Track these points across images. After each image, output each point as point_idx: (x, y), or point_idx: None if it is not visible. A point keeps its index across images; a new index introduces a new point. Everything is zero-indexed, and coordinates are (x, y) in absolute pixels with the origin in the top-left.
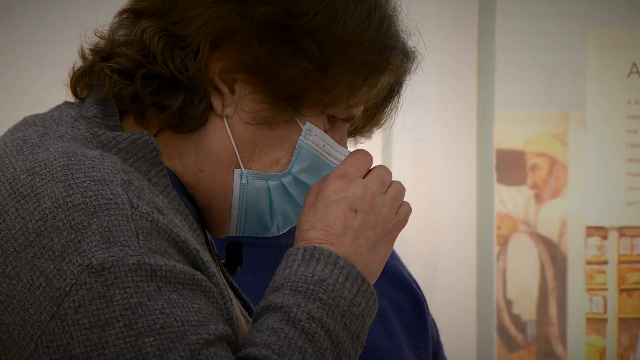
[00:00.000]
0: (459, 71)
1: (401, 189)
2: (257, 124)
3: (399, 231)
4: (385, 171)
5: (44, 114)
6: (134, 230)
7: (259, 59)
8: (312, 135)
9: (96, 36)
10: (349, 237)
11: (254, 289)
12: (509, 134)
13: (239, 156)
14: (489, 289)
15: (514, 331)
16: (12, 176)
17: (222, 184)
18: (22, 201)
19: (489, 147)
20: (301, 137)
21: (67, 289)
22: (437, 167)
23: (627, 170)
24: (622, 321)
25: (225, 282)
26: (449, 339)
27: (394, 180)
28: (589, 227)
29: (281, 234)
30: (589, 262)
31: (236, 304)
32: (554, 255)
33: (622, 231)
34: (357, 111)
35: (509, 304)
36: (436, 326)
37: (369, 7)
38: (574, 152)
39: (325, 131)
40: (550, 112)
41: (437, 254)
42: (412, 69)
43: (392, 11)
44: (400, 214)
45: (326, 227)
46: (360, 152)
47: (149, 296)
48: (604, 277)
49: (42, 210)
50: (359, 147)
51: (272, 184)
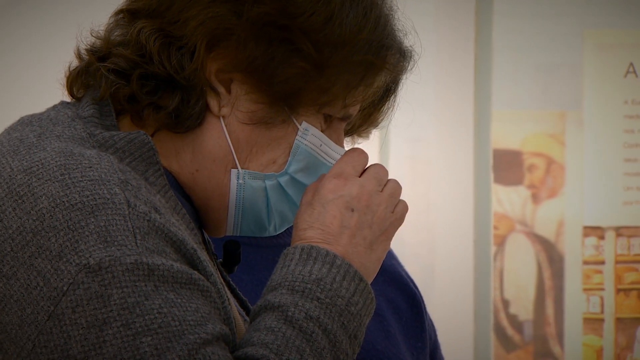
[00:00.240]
0: (456, 71)
1: (397, 188)
2: (254, 123)
3: (396, 229)
4: (381, 170)
5: (41, 114)
6: (131, 229)
7: (255, 59)
8: (308, 134)
9: (92, 36)
10: (346, 236)
11: (251, 288)
12: (506, 134)
13: (236, 156)
14: (486, 288)
15: (511, 331)
16: (9, 176)
17: (219, 184)
18: (19, 201)
19: (486, 147)
20: (298, 137)
21: (65, 288)
22: (434, 167)
23: (624, 170)
24: (619, 321)
25: (222, 282)
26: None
27: (390, 178)
28: (586, 227)
29: (278, 233)
30: (586, 262)
31: (234, 304)
32: (551, 255)
33: (619, 231)
34: (354, 110)
35: (506, 303)
36: (434, 326)
37: (365, 7)
38: (571, 152)
39: (321, 131)
40: (547, 111)
41: (434, 253)
42: (409, 68)
43: (388, 10)
44: (396, 212)
45: (323, 227)
46: (355, 150)
47: (147, 296)
48: (601, 277)
49: (39, 210)
50: (357, 145)
51: (269, 183)
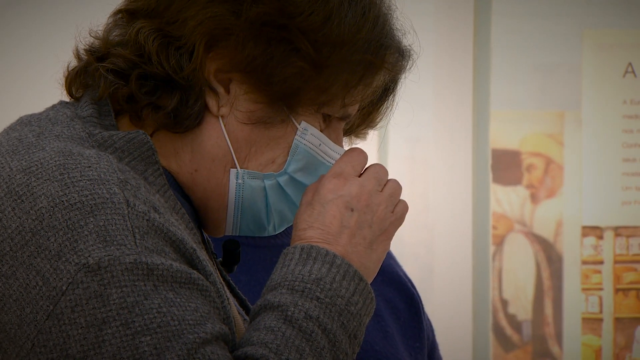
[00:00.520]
0: (454, 71)
1: (397, 187)
2: (253, 123)
3: (396, 229)
4: (381, 169)
5: (40, 114)
6: (131, 229)
7: (254, 59)
8: (307, 134)
9: (91, 36)
10: (346, 235)
11: (249, 288)
12: (505, 134)
13: (235, 156)
14: (485, 288)
15: (509, 331)
16: (8, 176)
17: (218, 183)
18: (19, 200)
19: (485, 147)
20: (297, 137)
21: (64, 288)
22: (433, 167)
23: (623, 170)
24: (617, 321)
25: (222, 281)
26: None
27: (390, 178)
28: (584, 227)
29: (277, 233)
30: (584, 262)
31: (233, 303)
32: (549, 255)
33: (617, 231)
34: (353, 110)
35: (504, 303)
36: (432, 326)
37: (363, 6)
38: (569, 152)
39: (320, 130)
40: (545, 111)
41: (432, 253)
42: (408, 67)
43: (386, 10)
44: (396, 212)
45: (323, 226)
46: (355, 150)
47: (146, 295)
48: (599, 277)
49: (38, 209)
50: (355, 146)
51: (268, 183)
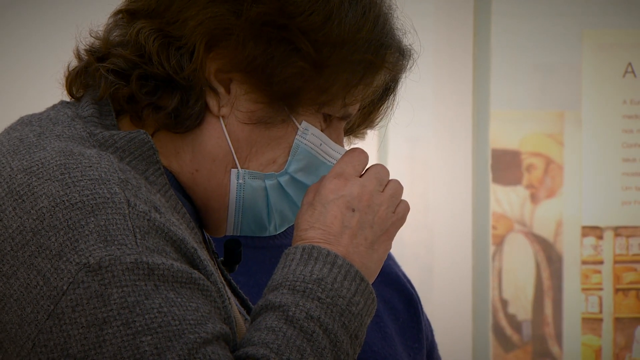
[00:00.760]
0: (454, 71)
1: (399, 188)
2: (254, 123)
3: (397, 230)
4: (382, 169)
5: (40, 114)
6: (131, 229)
7: (254, 59)
8: (308, 134)
9: (91, 37)
10: (347, 236)
11: (248, 289)
12: (505, 134)
13: (236, 156)
14: (485, 288)
15: (509, 331)
16: (9, 175)
17: (219, 183)
18: (19, 200)
19: (485, 147)
20: (297, 137)
21: (65, 287)
22: (433, 167)
23: (623, 170)
24: (617, 321)
25: (223, 281)
26: (445, 338)
27: (391, 178)
28: (584, 227)
29: (277, 233)
30: (584, 262)
31: (234, 303)
32: (549, 255)
33: (617, 231)
34: (353, 110)
35: (504, 303)
36: (430, 326)
37: (363, 6)
38: (569, 152)
39: (321, 130)
40: (545, 111)
41: (432, 253)
42: (408, 66)
43: (387, 9)
44: (398, 212)
45: (324, 227)
46: (356, 150)
47: (147, 295)
48: (599, 277)
49: (39, 209)
50: (353, 146)
51: (269, 183)
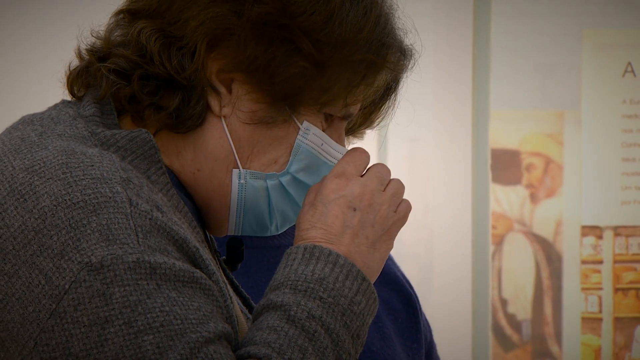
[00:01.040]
0: (454, 70)
1: (400, 187)
2: (255, 123)
3: (399, 229)
4: (383, 169)
5: (42, 113)
6: (133, 228)
7: (255, 59)
8: (309, 134)
9: (92, 36)
10: (348, 235)
11: (247, 289)
12: (504, 134)
13: (237, 156)
14: (484, 288)
15: (509, 330)
16: (11, 175)
17: (221, 184)
18: (21, 199)
19: (484, 147)
20: (299, 136)
21: (67, 286)
22: (433, 167)
23: (622, 169)
24: (617, 320)
25: (225, 280)
26: (444, 338)
27: (392, 178)
28: (584, 227)
29: (277, 234)
30: (584, 262)
31: (236, 302)
32: (549, 254)
33: (617, 230)
34: (354, 109)
35: (504, 303)
36: (429, 326)
37: (365, 6)
38: (569, 152)
39: (322, 130)
40: (545, 111)
41: (432, 253)
42: (409, 66)
43: (388, 9)
44: (399, 211)
45: (325, 226)
46: (357, 150)
47: (149, 294)
48: (599, 277)
49: (41, 208)
50: (353, 146)
51: (270, 183)
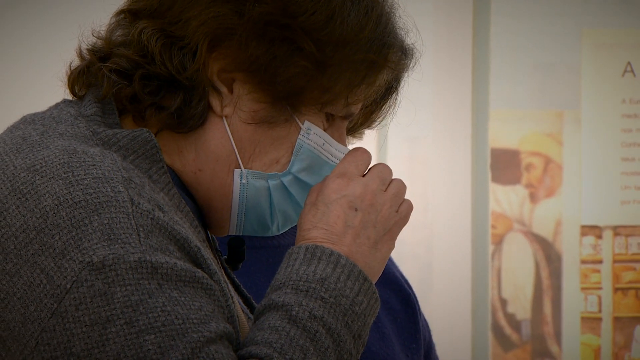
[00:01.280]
0: (453, 70)
1: (402, 187)
2: (256, 123)
3: (401, 229)
4: (385, 169)
5: (43, 113)
6: (135, 227)
7: (257, 59)
8: (311, 134)
9: (93, 36)
10: (350, 235)
11: (247, 289)
12: (504, 133)
13: (239, 156)
14: (484, 288)
15: (508, 330)
16: (13, 174)
17: (222, 183)
18: (23, 199)
19: (484, 146)
20: (300, 136)
21: (68, 286)
22: (432, 166)
23: (622, 169)
24: (616, 320)
25: (226, 279)
26: (444, 338)
27: (394, 178)
28: (583, 226)
29: (278, 234)
30: (583, 261)
31: (237, 302)
32: (548, 254)
33: (616, 230)
34: (356, 109)
35: (503, 303)
36: (428, 326)
37: (366, 5)
38: (568, 152)
39: (324, 129)
40: (545, 111)
41: (432, 253)
42: (410, 65)
43: (389, 8)
44: (401, 211)
45: (327, 226)
46: (359, 150)
47: (150, 294)
48: (598, 276)
49: (42, 207)
50: (353, 145)
51: (272, 183)
